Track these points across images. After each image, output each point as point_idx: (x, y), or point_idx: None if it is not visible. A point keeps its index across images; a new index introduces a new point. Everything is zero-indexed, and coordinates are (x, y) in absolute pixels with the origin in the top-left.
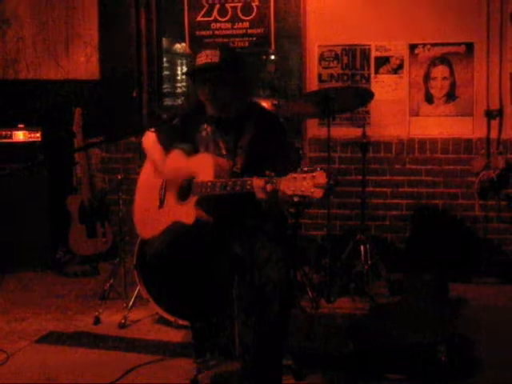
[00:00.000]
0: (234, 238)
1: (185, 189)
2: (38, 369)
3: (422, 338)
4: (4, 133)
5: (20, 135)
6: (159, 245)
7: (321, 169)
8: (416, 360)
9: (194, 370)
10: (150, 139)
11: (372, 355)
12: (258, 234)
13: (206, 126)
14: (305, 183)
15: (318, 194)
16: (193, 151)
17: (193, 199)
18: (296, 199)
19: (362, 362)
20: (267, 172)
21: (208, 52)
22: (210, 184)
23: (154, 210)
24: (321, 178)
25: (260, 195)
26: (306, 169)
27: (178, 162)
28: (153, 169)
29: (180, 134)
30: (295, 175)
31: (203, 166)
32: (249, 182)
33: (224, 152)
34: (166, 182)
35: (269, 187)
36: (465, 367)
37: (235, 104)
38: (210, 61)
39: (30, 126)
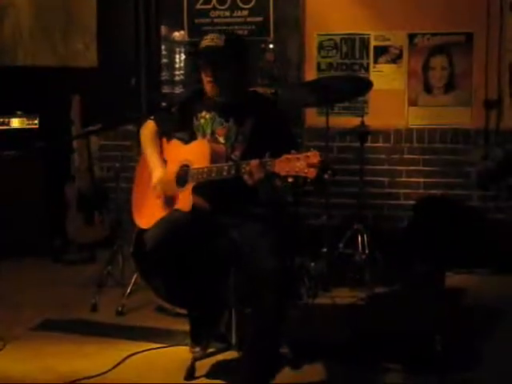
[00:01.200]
0: (232, 226)
1: (182, 176)
2: (34, 356)
3: (419, 327)
4: (1, 120)
5: (17, 122)
6: (156, 233)
7: (314, 149)
8: (412, 350)
9: (191, 358)
10: (147, 131)
11: (369, 344)
12: (255, 222)
13: (204, 113)
14: (298, 164)
15: (312, 173)
16: (189, 139)
17: (190, 186)
18: (290, 180)
19: (359, 352)
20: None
21: (214, 35)
22: (206, 170)
23: (152, 199)
24: (314, 157)
25: (253, 176)
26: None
27: (175, 152)
28: None
29: (178, 121)
30: (289, 156)
31: (199, 153)
32: (243, 165)
33: (222, 140)
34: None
35: (261, 167)
36: (461, 357)
37: (236, 89)
38: (214, 44)
39: (27, 113)
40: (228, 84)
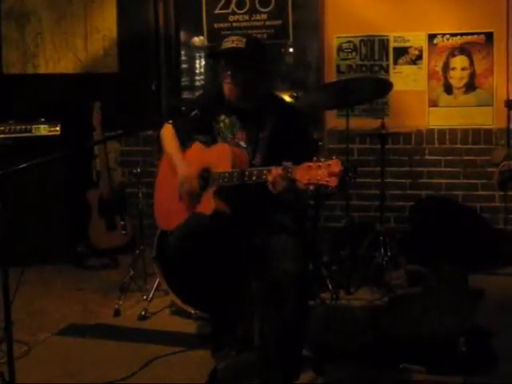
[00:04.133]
0: (253, 230)
1: (203, 179)
2: (58, 361)
3: (442, 329)
4: (24, 127)
5: (40, 129)
6: (178, 236)
7: (336, 157)
8: (435, 352)
9: (213, 362)
10: (167, 132)
11: (391, 346)
12: (277, 226)
13: (224, 116)
14: (320, 172)
15: (333, 182)
16: (211, 142)
17: (211, 190)
18: (311, 188)
19: (382, 353)
20: (284, 162)
21: (235, 38)
22: (227, 174)
23: (174, 202)
24: (336, 166)
25: (276, 185)
26: (321, 159)
27: (196, 154)
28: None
29: (198, 125)
30: (310, 164)
31: (221, 157)
32: (265, 172)
33: (243, 144)
34: None
35: (284, 176)
36: (484, 360)
37: (256, 92)
38: (235, 45)
39: (49, 120)
40: (248, 87)
